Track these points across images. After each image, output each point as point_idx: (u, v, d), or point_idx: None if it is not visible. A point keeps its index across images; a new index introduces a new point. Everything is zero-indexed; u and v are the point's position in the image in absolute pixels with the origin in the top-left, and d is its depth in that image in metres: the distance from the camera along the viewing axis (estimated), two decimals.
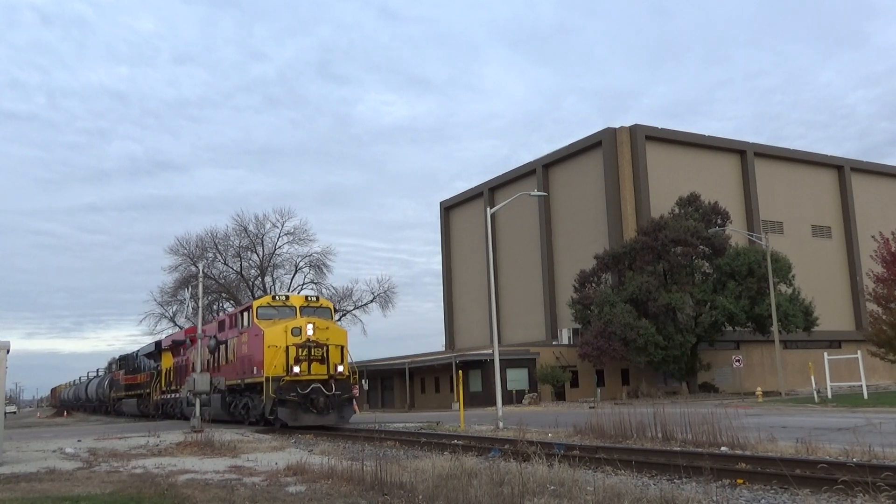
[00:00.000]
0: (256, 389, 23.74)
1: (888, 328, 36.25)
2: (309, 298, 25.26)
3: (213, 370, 27.66)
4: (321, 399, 21.79)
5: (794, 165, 62.94)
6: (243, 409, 25.43)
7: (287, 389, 21.64)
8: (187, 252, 61.46)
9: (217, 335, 28.35)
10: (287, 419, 21.79)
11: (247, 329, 24.88)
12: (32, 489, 10.97)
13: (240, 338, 25.62)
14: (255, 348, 23.69)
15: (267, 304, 24.59)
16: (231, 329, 27.21)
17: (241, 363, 25.06)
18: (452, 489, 8.87)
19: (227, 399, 26.99)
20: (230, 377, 26.14)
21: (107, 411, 54.47)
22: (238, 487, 10.43)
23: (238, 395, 25.92)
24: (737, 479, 9.17)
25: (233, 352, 26.37)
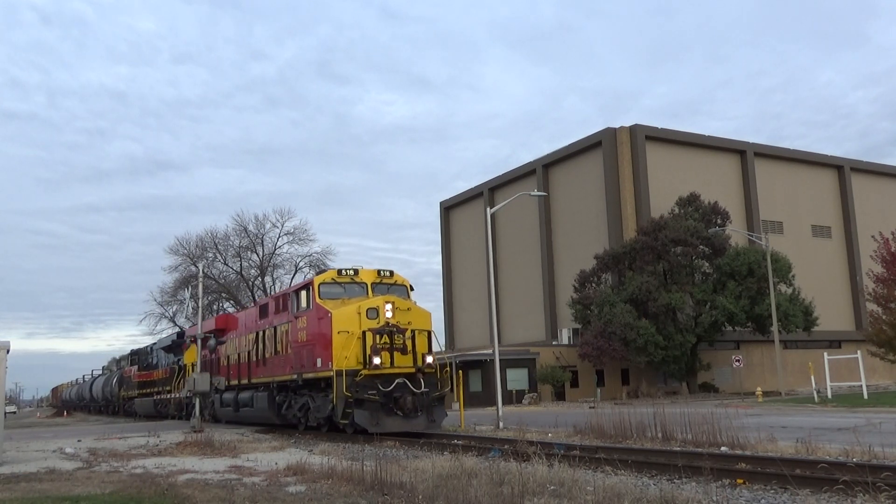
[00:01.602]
0: (319, 387, 19.62)
1: (888, 328, 36.24)
2: (382, 273, 20.60)
3: (255, 364, 24.22)
4: (408, 398, 17.69)
5: (794, 165, 62.92)
6: (300, 410, 20.95)
7: (365, 386, 17.47)
8: (187, 252, 61.51)
9: (258, 321, 24.46)
10: (366, 424, 17.43)
11: (304, 312, 20.31)
12: (32, 489, 10.97)
13: (294, 323, 20.95)
14: (317, 335, 19.35)
15: (332, 280, 19.97)
16: (279, 313, 22.60)
17: (297, 354, 20.54)
18: (452, 489, 8.87)
19: (276, 399, 22.51)
20: (279, 372, 21.84)
21: (114, 412, 51.20)
22: (238, 487, 10.43)
23: (293, 394, 21.46)
24: (737, 479, 9.17)
25: (282, 341, 21.91)
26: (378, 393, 17.51)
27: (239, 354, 26.11)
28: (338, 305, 19.16)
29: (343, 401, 17.72)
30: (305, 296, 20.44)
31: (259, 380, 23.59)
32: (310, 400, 20.27)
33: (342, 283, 20.04)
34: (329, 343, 18.47)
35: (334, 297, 19.73)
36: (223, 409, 27.07)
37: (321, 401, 19.44)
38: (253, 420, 24.73)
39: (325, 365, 18.63)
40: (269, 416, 22.92)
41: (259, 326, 24.18)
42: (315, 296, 19.82)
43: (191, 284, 53.64)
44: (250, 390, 24.41)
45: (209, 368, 28.40)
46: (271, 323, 23.12)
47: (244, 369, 25.28)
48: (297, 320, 20.79)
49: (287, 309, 21.89)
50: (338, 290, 20.00)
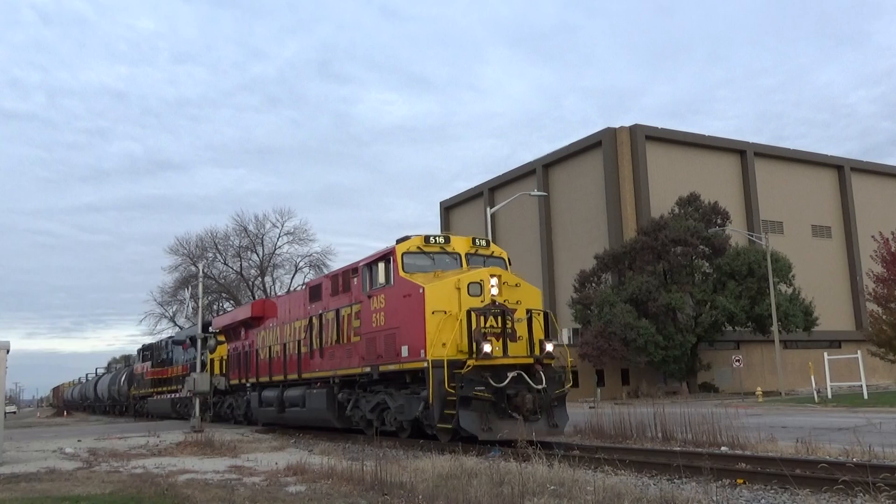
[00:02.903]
0: (401, 382, 16.12)
1: (888, 328, 36.26)
2: (477, 242, 17.21)
3: (306, 356, 20.40)
4: (527, 396, 14.00)
5: (794, 165, 62.94)
6: (374, 411, 17.08)
7: (472, 381, 13.81)
8: (187, 252, 61.62)
9: (307, 305, 20.72)
10: (474, 429, 13.72)
11: (381, 289, 16.53)
12: (32, 489, 10.98)
13: (366, 304, 17.19)
14: (402, 317, 15.69)
15: (417, 250, 16.47)
16: (339, 295, 18.76)
17: (371, 342, 16.82)
18: (452, 489, 8.88)
19: (337, 397, 18.71)
20: (343, 364, 18.12)
21: (122, 412, 48.51)
22: (238, 487, 10.43)
23: (362, 391, 17.76)
24: (737, 479, 9.17)
25: (346, 327, 18.19)
26: (488, 389, 13.84)
27: (285, 345, 22.11)
28: (429, 280, 15.48)
29: (441, 399, 14.17)
30: (383, 269, 16.36)
31: (313, 374, 19.83)
32: (388, 398, 16.52)
33: (430, 253, 16.45)
34: (420, 326, 14.83)
35: (421, 269, 16.11)
36: (263, 410, 23.32)
37: (405, 399, 15.82)
38: (305, 423, 20.93)
39: (415, 354, 15.04)
40: (327, 417, 19.11)
41: (310, 312, 20.41)
42: (398, 268, 16.04)
43: (191, 284, 53.71)
44: (300, 387, 20.63)
45: (239, 364, 25.83)
46: (327, 306, 19.41)
47: (292, 362, 21.52)
48: (369, 300, 16.96)
49: (350, 289, 18.24)
50: (425, 261, 16.39)
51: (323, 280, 20.54)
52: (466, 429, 13.78)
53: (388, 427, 16.66)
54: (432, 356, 14.36)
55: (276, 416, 22.29)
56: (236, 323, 26.66)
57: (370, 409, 17.28)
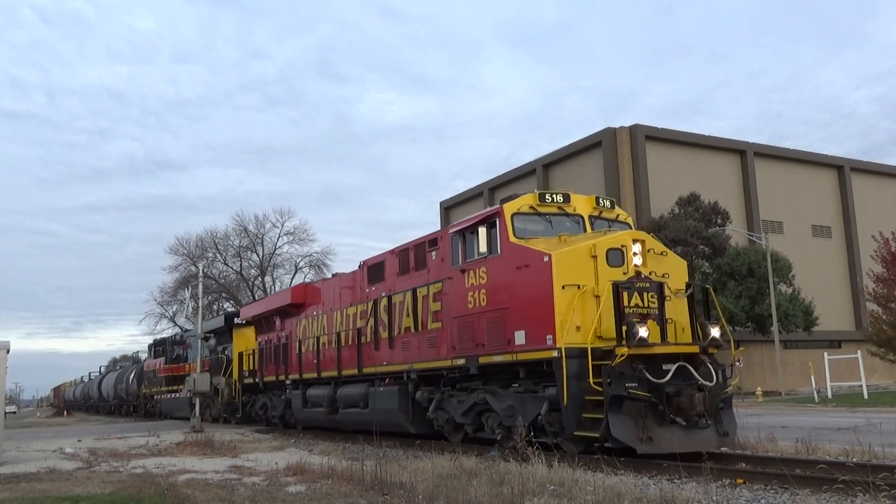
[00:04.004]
0: (509, 376, 13.05)
1: (888, 328, 36.25)
2: (601, 202, 14.20)
3: (367, 347, 17.33)
4: (696, 397, 10.88)
5: (794, 165, 62.95)
6: (469, 414, 14.06)
7: (623, 376, 10.71)
8: (187, 252, 61.69)
9: (365, 287, 17.83)
10: (629, 439, 10.64)
11: (482, 260, 13.40)
12: (32, 489, 10.98)
13: (458, 280, 14.00)
14: (515, 292, 12.55)
15: (530, 210, 13.33)
16: (411, 273, 15.89)
17: (465, 328, 13.73)
18: (452, 489, 8.88)
19: (414, 396, 15.75)
20: (423, 356, 15.08)
21: (130, 411, 45.88)
22: (238, 487, 10.44)
23: (452, 388, 14.66)
24: (737, 479, 9.17)
25: (424, 310, 15.16)
26: (642, 385, 10.73)
27: (338, 335, 18.92)
28: (554, 245, 12.36)
29: (578, 399, 11.15)
30: (485, 235, 13.25)
31: (379, 369, 16.82)
32: (490, 398, 13.33)
33: (546, 215, 13.37)
34: (546, 305, 11.71)
35: (535, 235, 13.02)
36: (308, 411, 20.43)
37: (516, 399, 12.66)
38: (365, 426, 16.27)
39: (536, 340, 11.89)
40: (397, 420, 16.10)
41: (369, 295, 17.57)
42: (507, 233, 12.91)
43: (191, 284, 53.71)
44: (359, 384, 17.70)
45: (275, 358, 22.93)
46: (392, 287, 16.60)
47: (347, 355, 18.37)
48: (463, 276, 13.87)
49: (426, 265, 15.36)
50: (539, 224, 13.31)
51: (386, 256, 17.36)
52: (620, 438, 10.64)
53: (488, 433, 13.62)
54: (566, 343, 11.26)
55: (327, 419, 19.31)
56: (270, 312, 23.67)
57: (463, 411, 14.11)
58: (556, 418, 11.74)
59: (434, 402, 15.13)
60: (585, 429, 11.22)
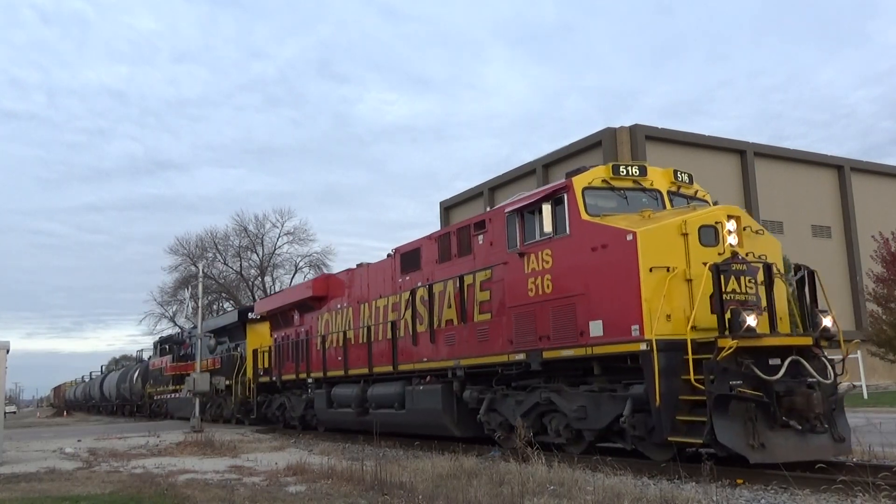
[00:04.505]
0: (578, 373, 11.79)
1: (888, 328, 36.26)
2: (679, 176, 12.80)
3: (404, 342, 16.05)
4: (813, 396, 9.63)
5: (794, 165, 62.98)
6: (529, 416, 12.44)
7: (727, 373, 9.39)
8: (187, 252, 61.75)
9: (398, 277, 16.58)
10: (738, 445, 9.21)
11: (545, 241, 12.00)
12: (32, 489, 10.99)
13: (515, 265, 12.63)
14: (589, 277, 11.13)
15: (603, 185, 11.90)
16: (451, 261, 14.65)
17: (523, 317, 12.38)
18: (452, 489, 8.89)
19: (459, 395, 14.35)
20: (468, 351, 13.78)
21: (134, 412, 44.74)
22: (238, 487, 10.45)
23: (507, 386, 13.23)
24: (736, 479, 9.17)
25: (472, 300, 13.75)
26: (748, 383, 9.38)
27: (368, 329, 17.54)
28: (638, 222, 10.98)
29: (672, 399, 9.80)
30: (549, 213, 11.83)
31: (419, 366, 15.43)
32: (556, 398, 11.92)
33: (620, 189, 11.99)
34: (630, 290, 10.36)
35: (607, 212, 11.62)
36: (334, 412, 19.13)
37: (590, 399, 11.29)
38: (401, 429, 16.06)
39: (618, 331, 10.53)
40: (441, 422, 14.80)
41: (403, 285, 16.29)
42: (579, 209, 11.52)
43: (191, 284, 53.69)
44: (394, 382, 16.39)
45: (294, 355, 21.66)
46: (431, 276, 15.20)
47: (380, 351, 17.06)
48: (522, 260, 12.46)
49: (472, 251, 14.02)
50: (612, 200, 11.93)
51: (422, 243, 15.96)
52: (729, 445, 9.18)
53: (552, 438, 12.16)
54: (656, 333, 9.84)
55: (355, 421, 17.79)
56: (288, 306, 22.37)
57: (523, 412, 12.53)
58: (641, 421, 10.35)
59: (485, 402, 13.61)
60: (680, 433, 9.80)
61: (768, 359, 9.70)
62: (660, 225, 10.73)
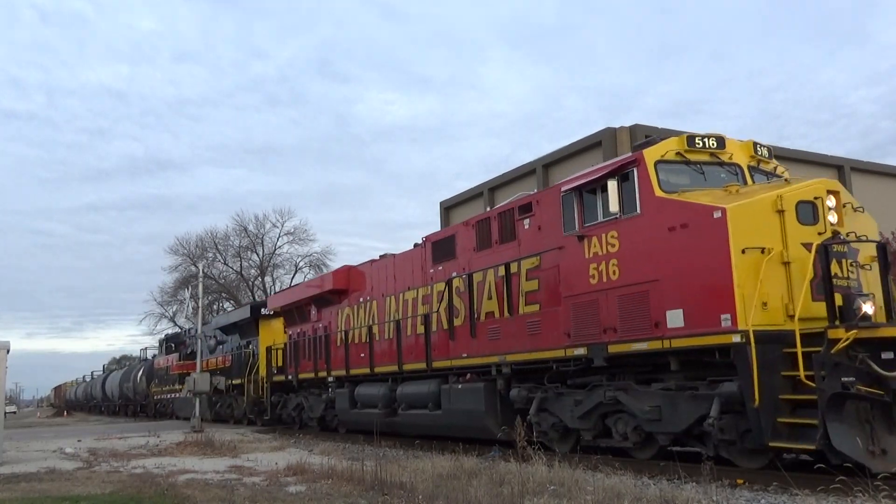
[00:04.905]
0: (648, 369, 10.72)
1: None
2: (759, 150, 11.57)
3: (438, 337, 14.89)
4: None
5: (794, 165, 62.51)
6: (589, 417, 11.42)
7: (839, 368, 8.29)
8: (187, 252, 61.68)
9: (428, 268, 15.58)
10: (856, 452, 8.16)
11: (610, 222, 10.91)
12: (32, 489, 11.00)
13: (572, 249, 11.54)
14: (666, 260, 9.99)
15: (678, 158, 10.82)
16: (492, 248, 13.57)
17: (582, 308, 11.24)
18: (452, 489, 8.89)
19: (505, 394, 13.19)
20: (515, 345, 12.63)
21: (138, 412, 43.61)
22: (238, 487, 10.45)
23: (561, 384, 12.06)
24: (737, 480, 9.16)
25: (518, 290, 12.67)
26: (862, 379, 8.26)
27: (397, 324, 16.47)
28: (724, 198, 9.89)
29: (772, 400, 8.78)
30: (616, 190, 10.67)
31: (455, 362, 14.29)
32: (623, 397, 10.76)
33: (696, 163, 10.88)
34: (719, 274, 9.20)
35: (681, 188, 10.50)
36: (358, 413, 18.03)
37: (666, 399, 10.18)
38: (436, 430, 15.10)
39: (705, 321, 9.35)
40: (482, 424, 13.46)
41: (435, 276, 15.24)
42: (652, 184, 10.44)
43: (191, 284, 53.66)
44: (428, 381, 15.21)
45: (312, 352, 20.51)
46: (468, 265, 14.12)
47: (412, 347, 15.88)
48: (582, 244, 11.32)
49: (516, 237, 12.94)
50: (685, 175, 10.82)
51: (457, 230, 14.98)
52: (846, 452, 8.13)
53: (616, 441, 11.10)
54: (753, 324, 8.72)
55: (382, 422, 16.35)
56: (305, 300, 21.30)
57: (582, 413, 11.40)
58: (731, 423, 9.28)
59: (535, 402, 12.37)
60: (782, 438, 8.73)
61: (880, 352, 8.44)
62: (752, 200, 9.59)
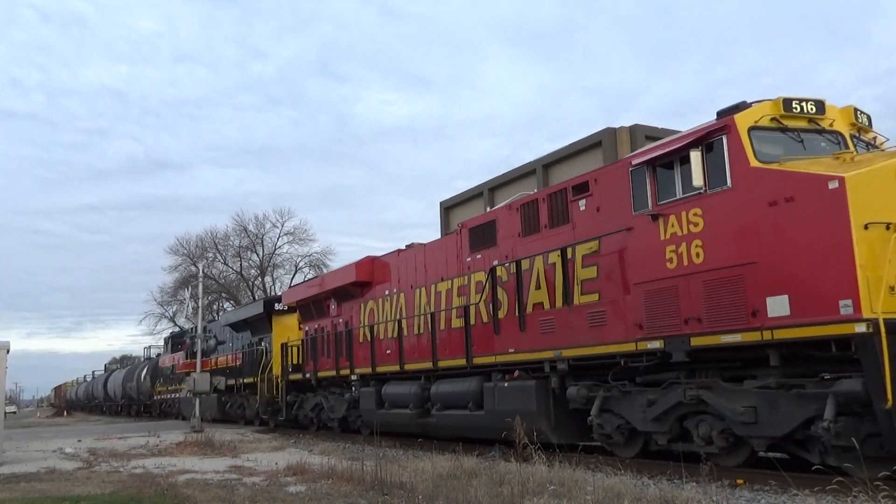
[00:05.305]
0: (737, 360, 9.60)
1: None
2: (859, 117, 10.37)
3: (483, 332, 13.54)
4: None
5: None
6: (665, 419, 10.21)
7: None
8: (187, 252, 61.67)
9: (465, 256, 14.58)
10: None
11: (693, 198, 9.73)
12: (32, 489, 11.00)
13: (642, 230, 10.42)
14: (768, 238, 8.83)
15: (773, 124, 9.65)
16: (540, 233, 12.52)
17: (655, 295, 10.09)
18: (452, 489, 8.89)
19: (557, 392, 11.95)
20: (572, 339, 11.41)
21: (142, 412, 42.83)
22: (238, 487, 10.45)
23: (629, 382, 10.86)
24: (737, 480, 9.17)
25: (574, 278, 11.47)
26: None
27: (431, 317, 15.36)
28: (835, 167, 8.86)
29: None
30: (700, 162, 9.48)
31: (501, 358, 12.98)
32: (708, 396, 9.52)
33: (794, 130, 9.75)
34: (837, 253, 8.11)
35: (777, 159, 9.30)
36: (386, 413, 16.82)
37: (762, 399, 8.98)
38: (477, 433, 13.74)
39: (819, 308, 8.22)
40: (536, 425, 11.63)
41: (473, 265, 14.24)
42: (747, 154, 9.27)
43: (191, 284, 53.64)
44: (464, 379, 14.12)
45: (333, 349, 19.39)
46: (512, 252, 13.01)
47: (449, 341, 14.74)
48: (656, 224, 10.10)
49: (569, 219, 11.84)
50: (780, 144, 9.66)
51: (498, 214, 13.86)
52: None
53: (697, 446, 9.79)
54: (884, 311, 7.71)
55: (414, 423, 15.62)
56: (324, 294, 20.16)
57: (657, 414, 10.17)
58: (850, 427, 8.12)
59: (597, 401, 11.15)
60: None
61: None
62: (874, 169, 8.40)
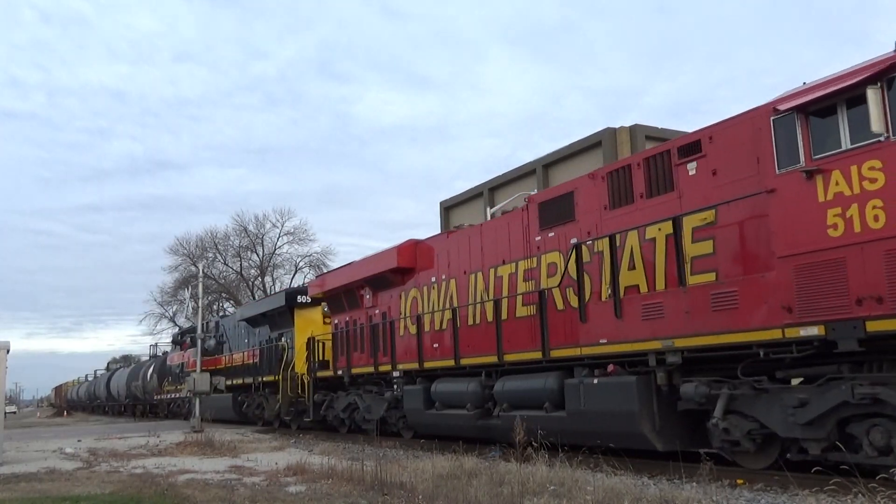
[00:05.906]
0: None
1: None
2: None
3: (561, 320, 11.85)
4: None
5: None
6: (822, 423, 8.40)
7: None
8: (187, 252, 61.75)
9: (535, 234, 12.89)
10: None
11: (870, 147, 7.74)
12: (32, 489, 11.00)
13: (800, 189, 8.31)
14: None
15: None
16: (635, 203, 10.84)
17: (819, 271, 8.06)
18: (452, 489, 8.89)
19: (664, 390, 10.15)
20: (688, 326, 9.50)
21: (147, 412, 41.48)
22: (238, 487, 10.46)
23: (767, 378, 8.97)
24: (737, 480, 9.17)
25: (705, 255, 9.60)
26: None
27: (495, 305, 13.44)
28: None
29: None
30: (879, 102, 7.83)
31: (586, 350, 11.21)
32: (887, 394, 7.82)
33: None
34: None
35: None
36: (435, 415, 15.09)
37: None
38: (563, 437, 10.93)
39: None
40: (637, 428, 10.21)
41: (545, 244, 12.60)
42: None
43: (191, 284, 53.65)
44: (538, 375, 12.29)
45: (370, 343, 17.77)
46: (597, 229, 11.45)
47: (516, 332, 12.92)
48: (814, 181, 8.24)
49: (675, 187, 10.24)
50: None
51: (577, 185, 12.18)
52: None
53: (866, 457, 8.14)
54: None
55: (473, 426, 13.85)
56: (357, 283, 18.47)
57: (810, 418, 8.45)
58: None
59: (721, 401, 9.32)
60: None
61: None
62: None
